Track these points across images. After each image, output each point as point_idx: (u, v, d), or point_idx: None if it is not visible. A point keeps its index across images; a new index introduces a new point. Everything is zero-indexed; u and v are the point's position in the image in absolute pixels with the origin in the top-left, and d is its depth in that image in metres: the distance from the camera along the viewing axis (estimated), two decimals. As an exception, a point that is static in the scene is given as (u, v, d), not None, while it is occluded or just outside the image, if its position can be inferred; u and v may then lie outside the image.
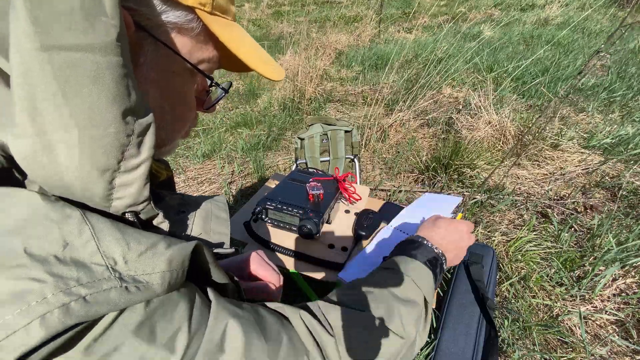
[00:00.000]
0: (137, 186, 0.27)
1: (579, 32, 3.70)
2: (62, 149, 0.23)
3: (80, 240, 0.23)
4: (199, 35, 0.32)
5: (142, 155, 0.26)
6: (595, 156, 1.70)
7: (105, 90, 0.22)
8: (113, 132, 0.24)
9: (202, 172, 1.91)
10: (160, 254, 0.26)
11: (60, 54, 0.21)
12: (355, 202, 0.97)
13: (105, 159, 0.24)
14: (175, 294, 0.27)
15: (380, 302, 0.43)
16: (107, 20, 0.22)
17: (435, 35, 3.61)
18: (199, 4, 0.29)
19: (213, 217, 0.41)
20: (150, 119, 0.26)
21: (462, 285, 0.97)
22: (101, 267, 0.23)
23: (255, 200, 0.94)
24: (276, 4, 6.86)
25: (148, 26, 0.28)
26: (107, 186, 0.25)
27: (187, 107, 0.37)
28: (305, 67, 2.59)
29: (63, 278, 0.21)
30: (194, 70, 0.33)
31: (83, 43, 0.21)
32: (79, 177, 0.24)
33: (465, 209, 1.38)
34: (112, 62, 0.22)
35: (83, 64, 0.21)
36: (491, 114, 1.92)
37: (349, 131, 1.49)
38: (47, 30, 0.20)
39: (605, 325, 0.98)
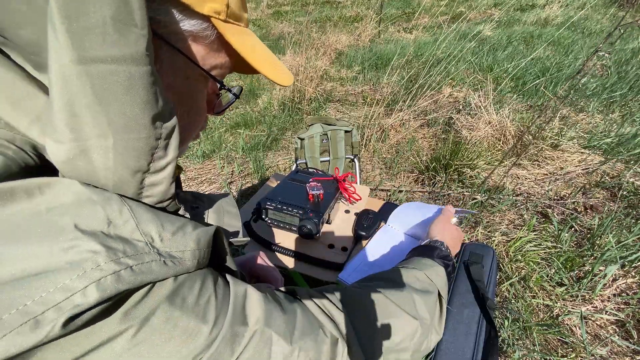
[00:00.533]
0: (164, 185, 0.29)
1: (579, 32, 3.70)
2: (98, 154, 0.24)
3: (121, 219, 0.25)
4: (212, 42, 0.33)
5: (169, 156, 0.28)
6: (595, 156, 1.70)
7: (138, 98, 0.24)
8: (144, 136, 0.25)
9: (202, 172, 1.91)
10: (189, 234, 0.28)
11: (96, 66, 0.22)
12: (355, 202, 0.97)
13: (137, 162, 0.26)
14: (202, 271, 0.29)
15: (393, 288, 0.46)
16: (137, 30, 0.23)
17: (436, 35, 3.61)
18: (214, 12, 0.30)
19: (225, 212, 0.43)
20: (174, 121, 0.28)
21: (462, 285, 0.97)
22: (141, 243, 0.25)
23: (255, 201, 0.94)
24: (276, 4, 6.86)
25: (165, 34, 0.29)
26: (138, 186, 0.27)
27: (200, 110, 0.38)
28: (305, 67, 2.59)
29: (112, 249, 0.23)
30: (206, 75, 0.34)
31: (117, 55, 0.22)
32: (112, 178, 0.26)
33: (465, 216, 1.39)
34: (143, 71, 0.24)
35: (117, 75, 0.23)
36: (491, 114, 1.92)
37: (349, 131, 1.49)
38: (83, 44, 0.21)
39: (605, 325, 0.98)
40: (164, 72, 0.31)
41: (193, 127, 0.38)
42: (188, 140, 0.40)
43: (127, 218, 0.25)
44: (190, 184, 1.82)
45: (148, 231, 0.26)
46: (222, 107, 0.44)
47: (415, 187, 1.65)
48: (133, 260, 0.24)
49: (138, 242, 0.25)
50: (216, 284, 0.30)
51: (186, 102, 0.35)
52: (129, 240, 0.24)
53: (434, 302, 0.48)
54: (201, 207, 0.42)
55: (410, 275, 0.50)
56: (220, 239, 0.33)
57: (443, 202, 1.49)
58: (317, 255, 0.78)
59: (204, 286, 0.29)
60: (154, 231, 0.26)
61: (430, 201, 1.51)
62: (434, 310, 0.48)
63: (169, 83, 0.32)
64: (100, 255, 0.22)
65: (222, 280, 0.32)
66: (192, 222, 0.30)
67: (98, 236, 0.23)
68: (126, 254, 0.24)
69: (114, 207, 0.25)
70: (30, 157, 0.26)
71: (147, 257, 0.24)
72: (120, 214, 0.25)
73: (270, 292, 0.36)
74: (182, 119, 0.35)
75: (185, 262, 0.27)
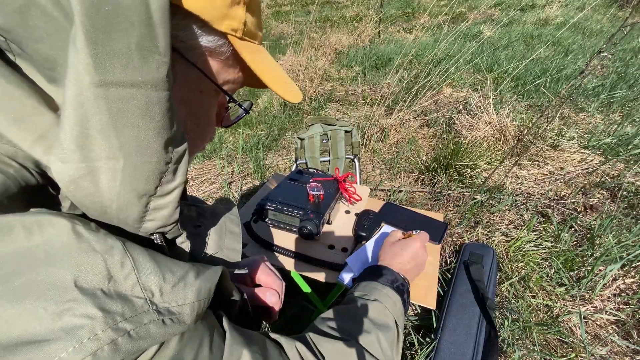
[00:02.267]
0: (169, 209, 0.29)
1: (579, 32, 3.70)
2: (106, 175, 0.24)
3: (122, 273, 0.24)
4: (227, 58, 0.33)
5: (177, 180, 0.28)
6: (595, 156, 1.70)
7: (153, 122, 0.24)
8: (155, 160, 0.25)
9: (202, 172, 1.91)
10: (190, 284, 0.28)
11: (116, 89, 0.22)
12: (356, 202, 0.97)
13: (144, 185, 0.26)
14: (200, 326, 0.29)
15: (362, 330, 0.47)
16: (159, 58, 0.23)
17: (436, 35, 3.61)
18: (232, 30, 0.31)
19: (227, 233, 0.43)
20: (185, 145, 0.28)
21: (462, 285, 0.97)
22: (141, 300, 0.24)
23: (255, 201, 0.94)
24: (276, 4, 6.86)
25: (182, 48, 0.29)
26: (142, 209, 0.27)
27: (209, 123, 0.39)
28: (305, 67, 2.59)
29: (110, 313, 0.22)
30: (218, 90, 0.35)
31: (137, 80, 0.22)
32: (117, 200, 0.25)
33: (465, 209, 1.39)
34: (161, 97, 0.24)
35: (135, 99, 0.23)
36: (491, 114, 1.92)
37: (349, 131, 1.49)
38: (106, 68, 0.21)
39: (605, 325, 0.98)
40: (177, 85, 0.31)
41: (201, 139, 0.39)
42: (195, 152, 0.40)
43: (129, 271, 0.25)
44: (190, 184, 1.82)
45: (149, 285, 0.25)
46: (231, 120, 0.45)
47: (415, 187, 1.65)
48: (131, 324, 0.23)
49: (137, 300, 0.24)
50: (212, 342, 0.30)
51: (197, 115, 0.36)
52: (129, 298, 0.24)
53: (394, 336, 0.50)
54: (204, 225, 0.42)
55: (374, 309, 0.51)
56: (225, 279, 0.33)
57: (443, 202, 1.49)
58: (318, 256, 0.78)
59: (201, 347, 0.28)
60: (154, 285, 0.26)
61: (430, 201, 1.51)
62: (395, 345, 0.49)
63: (182, 97, 0.32)
64: (97, 322, 0.22)
65: (217, 333, 0.31)
66: (194, 267, 0.29)
67: (97, 297, 0.22)
68: (124, 317, 0.23)
69: (116, 259, 0.25)
70: (32, 175, 0.26)
71: (145, 317, 0.24)
72: (122, 266, 0.25)
73: (262, 345, 0.36)
74: (192, 131, 0.35)
75: (183, 318, 0.26)
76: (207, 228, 0.42)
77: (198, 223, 0.42)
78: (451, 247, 1.25)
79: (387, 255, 0.66)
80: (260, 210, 0.83)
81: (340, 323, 0.48)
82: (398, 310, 0.53)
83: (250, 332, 0.36)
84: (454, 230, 1.31)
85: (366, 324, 0.48)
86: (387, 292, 0.55)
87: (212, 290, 0.29)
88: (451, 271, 1.07)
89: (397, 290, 0.57)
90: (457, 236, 1.29)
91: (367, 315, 0.49)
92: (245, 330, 0.36)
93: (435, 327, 0.90)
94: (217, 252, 0.41)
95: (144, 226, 0.28)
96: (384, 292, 0.55)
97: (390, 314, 0.51)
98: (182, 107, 0.32)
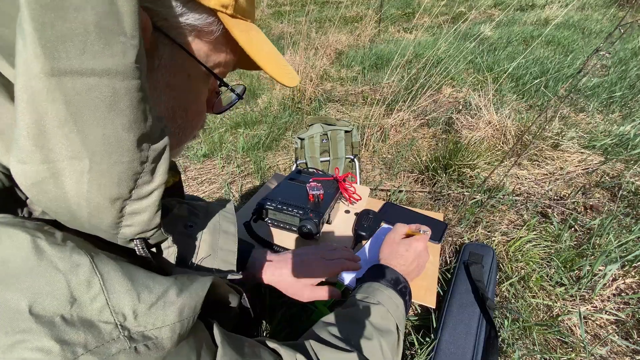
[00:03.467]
0: (148, 214, 0.25)
1: (579, 32, 3.70)
2: (71, 178, 0.21)
3: (88, 295, 0.21)
4: (217, 38, 0.30)
5: (156, 181, 0.25)
6: (595, 156, 1.70)
7: (121, 116, 0.21)
8: (127, 160, 0.22)
9: (202, 172, 1.91)
10: (171, 303, 0.24)
11: (72, 79, 0.19)
12: (356, 202, 0.97)
13: (116, 189, 0.22)
14: (184, 347, 0.25)
15: (364, 336, 0.44)
16: (125, 40, 0.20)
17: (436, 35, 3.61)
18: (221, 6, 0.28)
19: (221, 233, 0.40)
20: (165, 142, 0.25)
21: (462, 285, 0.97)
22: (110, 326, 0.21)
23: (255, 201, 0.94)
24: (276, 4, 6.86)
25: (165, 28, 0.26)
26: (116, 214, 0.24)
27: (199, 110, 0.36)
28: (305, 67, 2.59)
29: (70, 345, 0.20)
30: (208, 73, 0.32)
31: (98, 67, 0.19)
32: (86, 206, 0.22)
33: (465, 209, 1.39)
34: (130, 86, 0.21)
35: (98, 90, 0.20)
36: (491, 114, 1.92)
37: (349, 131, 1.49)
38: (58, 53, 0.18)
39: (605, 325, 0.98)
40: (163, 69, 0.28)
41: (192, 127, 0.36)
42: (186, 141, 0.37)
43: (97, 292, 0.22)
44: (190, 184, 1.82)
45: (120, 308, 0.22)
46: (222, 106, 0.42)
47: (415, 187, 1.65)
48: (95, 357, 0.20)
49: (105, 325, 0.21)
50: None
51: (185, 102, 0.33)
52: (95, 324, 0.21)
53: (395, 340, 0.48)
54: (196, 225, 0.39)
55: (376, 314, 0.48)
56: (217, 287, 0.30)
57: (443, 202, 1.49)
58: (317, 255, 0.78)
59: None
60: (127, 307, 0.22)
61: (430, 201, 1.51)
62: (395, 349, 0.47)
63: (168, 81, 0.29)
64: (53, 357, 0.19)
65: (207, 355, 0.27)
66: (178, 281, 0.26)
67: (55, 325, 0.19)
68: (87, 348, 0.20)
69: (82, 278, 0.21)
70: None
71: (113, 346, 0.21)
72: (89, 287, 0.21)
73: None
74: (181, 118, 0.33)
75: (161, 343, 0.23)
76: (200, 228, 0.39)
77: (190, 222, 0.38)
78: (451, 247, 1.25)
79: (391, 254, 0.64)
80: (260, 210, 0.83)
81: (342, 329, 0.45)
82: (400, 314, 0.51)
83: (245, 344, 0.33)
84: (454, 230, 1.31)
85: (368, 329, 0.45)
86: (389, 294, 0.53)
87: (199, 307, 0.26)
88: (451, 271, 1.07)
89: (400, 292, 0.54)
90: (457, 236, 1.29)
91: (369, 320, 0.47)
92: (240, 340, 0.32)
93: (435, 326, 0.90)
94: (210, 255, 0.37)
95: (121, 232, 0.25)
96: (387, 294, 0.53)
97: (392, 317, 0.49)
98: (168, 93, 0.30)
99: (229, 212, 0.43)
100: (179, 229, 0.37)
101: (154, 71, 0.28)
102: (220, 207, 0.43)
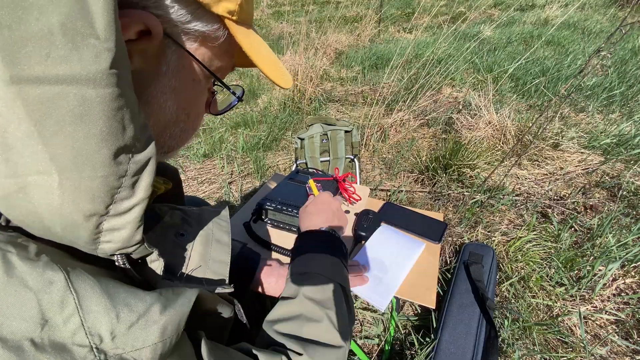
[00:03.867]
0: (128, 230, 0.24)
1: (579, 32, 3.70)
2: (40, 193, 0.19)
3: (61, 316, 0.20)
4: (221, 44, 0.31)
5: (137, 196, 0.23)
6: (595, 156, 1.70)
7: (93, 128, 0.19)
8: (101, 175, 0.20)
9: (202, 172, 1.91)
10: (153, 322, 0.23)
11: (35, 87, 0.17)
12: (355, 202, 0.97)
13: (90, 205, 0.21)
14: None
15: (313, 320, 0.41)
16: (97, 43, 0.18)
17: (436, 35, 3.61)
18: (228, 13, 0.28)
19: (214, 242, 0.38)
20: (149, 152, 0.23)
21: (462, 285, 0.97)
22: (84, 349, 0.20)
23: (255, 201, 0.94)
24: (276, 4, 6.86)
25: (174, 34, 0.27)
26: (93, 230, 0.22)
27: (200, 112, 0.36)
28: (305, 67, 2.59)
29: None
30: (209, 76, 0.32)
31: (64, 74, 0.17)
32: (59, 221, 0.21)
33: (465, 209, 1.38)
34: (104, 95, 0.19)
35: (64, 99, 0.18)
36: (491, 114, 1.92)
37: (349, 131, 1.49)
38: (18, 59, 0.17)
39: (605, 325, 0.98)
40: (170, 74, 0.29)
41: (192, 129, 0.36)
42: (185, 143, 0.37)
43: (71, 313, 0.20)
44: (190, 184, 1.82)
45: (97, 329, 0.21)
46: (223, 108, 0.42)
47: (415, 187, 1.65)
48: None
49: (79, 349, 0.20)
50: None
51: (188, 106, 0.33)
52: (67, 348, 0.19)
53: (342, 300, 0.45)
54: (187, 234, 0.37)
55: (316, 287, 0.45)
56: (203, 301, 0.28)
57: (443, 202, 1.49)
58: (317, 255, 0.78)
59: None
60: (104, 327, 0.21)
61: (430, 201, 1.51)
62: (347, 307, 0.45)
63: (174, 86, 0.30)
64: None
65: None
66: (162, 298, 0.24)
67: (23, 351, 0.18)
68: None
69: (54, 297, 0.20)
70: None
71: None
72: (62, 307, 0.20)
73: None
74: (184, 122, 0.34)
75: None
76: (192, 236, 0.37)
77: (181, 231, 0.37)
78: (451, 247, 1.25)
79: (305, 220, 0.60)
80: (259, 210, 0.82)
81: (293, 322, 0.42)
82: (338, 270, 0.47)
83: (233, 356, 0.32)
84: (454, 230, 1.31)
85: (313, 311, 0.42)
86: (322, 258, 0.49)
87: (183, 323, 0.25)
88: (451, 271, 1.07)
89: (330, 248, 0.51)
90: (457, 236, 1.29)
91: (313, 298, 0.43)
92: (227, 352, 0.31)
93: (435, 326, 0.90)
94: (200, 266, 0.36)
95: (100, 247, 0.24)
96: (318, 258, 0.49)
97: (331, 281, 0.46)
98: (173, 98, 0.30)
99: (224, 220, 0.41)
100: (170, 237, 0.36)
101: (162, 76, 0.28)
102: (214, 214, 0.41)
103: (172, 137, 0.33)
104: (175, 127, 0.33)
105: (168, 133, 0.32)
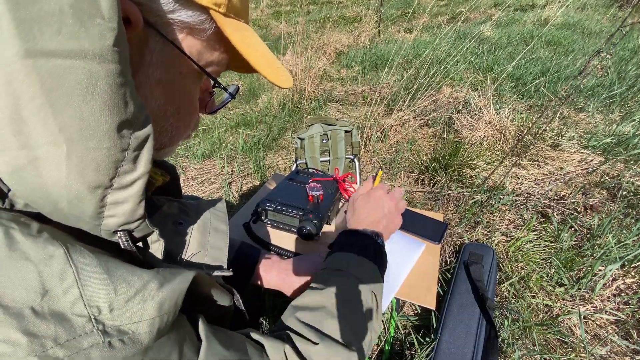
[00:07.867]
0: (131, 204, 0.25)
1: (579, 32, 3.70)
2: (49, 165, 0.20)
3: (61, 287, 0.21)
4: (210, 37, 0.30)
5: (138, 170, 0.24)
6: (595, 156, 1.70)
7: (99, 101, 0.20)
8: (106, 147, 0.21)
9: (202, 172, 1.91)
10: (151, 297, 0.24)
11: (47, 60, 0.19)
12: (355, 202, 0.97)
13: (96, 176, 0.22)
14: (165, 343, 0.25)
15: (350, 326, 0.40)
16: (103, 22, 0.19)
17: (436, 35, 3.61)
18: (214, 4, 0.28)
19: (212, 230, 0.39)
20: (148, 130, 0.24)
21: (462, 285, 0.97)
22: (83, 319, 0.21)
23: (255, 201, 0.94)
24: (276, 4, 6.86)
25: (157, 23, 0.26)
26: (97, 204, 0.23)
27: (191, 110, 0.36)
28: (305, 67, 2.59)
29: (38, 337, 0.19)
30: (201, 72, 0.32)
31: (74, 49, 0.19)
32: (66, 194, 0.22)
33: (465, 209, 1.38)
34: (108, 70, 0.20)
35: (74, 73, 0.19)
36: (491, 114, 1.92)
37: (349, 131, 1.48)
38: (33, 34, 0.18)
39: (605, 325, 0.98)
40: (154, 65, 0.28)
41: (184, 126, 0.36)
42: (178, 141, 0.37)
43: (70, 285, 0.21)
44: (190, 184, 1.82)
45: (95, 301, 0.22)
46: (215, 106, 0.42)
47: (415, 187, 1.65)
48: (65, 350, 0.19)
49: (78, 319, 0.21)
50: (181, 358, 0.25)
51: (177, 100, 0.32)
52: (66, 317, 0.20)
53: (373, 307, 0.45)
54: (186, 223, 0.38)
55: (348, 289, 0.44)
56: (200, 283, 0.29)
57: (443, 202, 1.49)
58: (317, 255, 0.78)
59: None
60: (102, 300, 0.22)
61: (430, 201, 1.51)
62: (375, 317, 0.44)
63: (159, 78, 0.29)
64: (20, 349, 0.18)
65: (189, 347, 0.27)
66: (159, 274, 0.25)
67: (23, 317, 0.19)
68: (57, 342, 0.19)
69: (54, 270, 0.21)
70: None
71: (85, 341, 0.20)
72: (62, 279, 0.21)
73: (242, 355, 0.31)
74: (172, 117, 0.33)
75: (138, 338, 0.22)
76: (190, 225, 0.38)
77: (179, 220, 0.38)
78: (451, 247, 1.25)
79: (353, 214, 0.59)
80: (259, 211, 0.82)
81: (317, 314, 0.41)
82: (378, 286, 0.47)
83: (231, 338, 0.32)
84: (454, 230, 1.31)
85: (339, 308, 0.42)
86: (360, 261, 0.48)
87: (180, 301, 0.26)
88: (451, 271, 1.07)
89: (374, 257, 0.50)
90: (457, 236, 1.29)
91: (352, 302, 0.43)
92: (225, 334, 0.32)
93: (435, 327, 0.90)
94: (199, 252, 0.37)
95: (104, 223, 0.24)
96: (364, 267, 0.48)
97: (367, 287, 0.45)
98: (159, 89, 0.30)
99: (221, 211, 0.42)
100: (169, 226, 0.36)
101: (145, 66, 0.28)
102: (211, 205, 0.42)
103: (163, 133, 0.33)
104: (165, 122, 0.33)
105: (158, 128, 0.32)
